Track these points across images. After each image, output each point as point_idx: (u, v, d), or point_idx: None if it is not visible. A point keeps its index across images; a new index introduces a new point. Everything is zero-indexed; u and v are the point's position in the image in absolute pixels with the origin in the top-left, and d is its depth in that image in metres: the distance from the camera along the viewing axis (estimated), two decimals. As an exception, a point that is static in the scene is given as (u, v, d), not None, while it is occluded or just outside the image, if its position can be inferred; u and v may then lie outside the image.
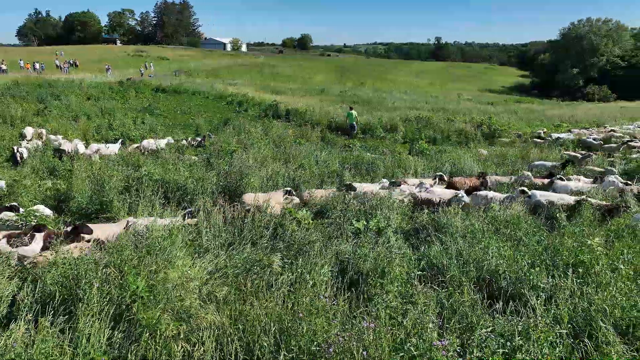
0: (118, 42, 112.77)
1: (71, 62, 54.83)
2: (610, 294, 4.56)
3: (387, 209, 7.91)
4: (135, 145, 14.29)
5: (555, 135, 20.57)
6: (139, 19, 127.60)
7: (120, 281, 4.26)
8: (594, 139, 18.46)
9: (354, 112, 22.01)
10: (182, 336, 3.61)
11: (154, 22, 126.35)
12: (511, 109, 36.73)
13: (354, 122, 21.67)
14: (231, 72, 63.31)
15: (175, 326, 3.64)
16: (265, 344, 3.50)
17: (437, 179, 11.17)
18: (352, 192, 8.93)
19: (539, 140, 19.97)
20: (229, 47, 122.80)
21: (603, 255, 5.54)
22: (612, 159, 14.67)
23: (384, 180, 10.84)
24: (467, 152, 16.43)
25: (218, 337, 3.66)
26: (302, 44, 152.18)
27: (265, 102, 28.84)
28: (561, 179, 10.33)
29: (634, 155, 14.94)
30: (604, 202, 8.41)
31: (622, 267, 5.23)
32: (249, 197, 8.37)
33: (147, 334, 3.57)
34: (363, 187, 9.58)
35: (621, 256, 5.61)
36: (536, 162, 13.85)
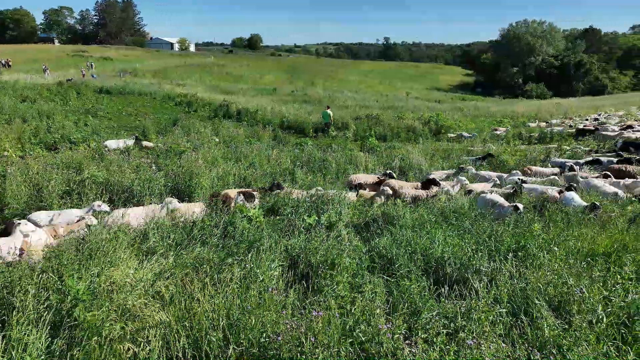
0: (56, 41, 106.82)
1: (3, 62, 51.29)
2: (545, 274, 4.86)
3: (338, 204, 8.03)
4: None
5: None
6: (78, 17, 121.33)
7: (60, 286, 4.07)
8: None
9: (329, 112, 22.24)
10: (128, 337, 3.50)
11: (95, 20, 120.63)
12: (457, 107, 38.20)
13: (329, 121, 21.90)
14: (179, 72, 61.67)
15: (120, 327, 3.53)
16: (213, 339, 3.47)
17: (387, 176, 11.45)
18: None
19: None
20: (176, 47, 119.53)
21: (541, 240, 5.90)
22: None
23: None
24: (416, 147, 16.94)
25: (165, 336, 3.58)
26: (252, 44, 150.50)
27: (215, 102, 28.36)
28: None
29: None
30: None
31: (555, 249, 5.60)
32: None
33: (91, 337, 3.44)
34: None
35: (555, 239, 6.01)
36: (463, 157, 14.95)
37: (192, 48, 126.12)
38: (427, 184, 9.65)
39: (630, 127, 19.26)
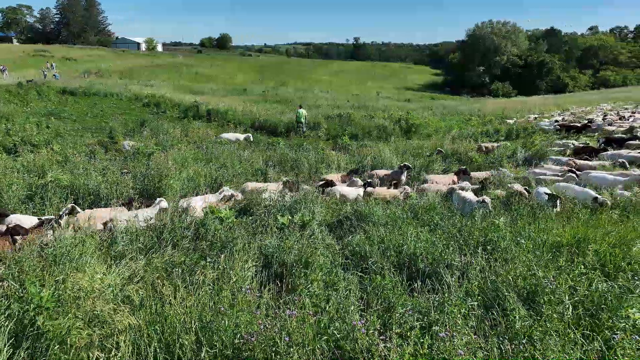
0: (15, 40, 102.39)
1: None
2: (514, 266, 4.99)
3: (311, 203, 8.01)
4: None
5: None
6: (38, 15, 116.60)
7: (22, 294, 3.88)
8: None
9: (301, 111, 22.17)
10: (96, 344, 3.38)
11: (57, 19, 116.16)
12: (427, 106, 38.82)
13: (302, 120, 21.82)
14: (147, 72, 60.30)
15: (87, 334, 3.40)
16: (186, 342, 3.38)
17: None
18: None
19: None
20: (143, 47, 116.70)
21: (508, 233, 6.05)
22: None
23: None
24: (387, 146, 17.09)
25: (135, 341, 3.47)
26: (221, 43, 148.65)
27: (184, 103, 27.83)
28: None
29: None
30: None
31: (523, 242, 5.75)
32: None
33: (56, 346, 3.29)
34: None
35: (523, 232, 6.17)
36: None
37: (159, 48, 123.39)
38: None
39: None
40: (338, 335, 3.53)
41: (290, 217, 7.07)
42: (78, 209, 7.12)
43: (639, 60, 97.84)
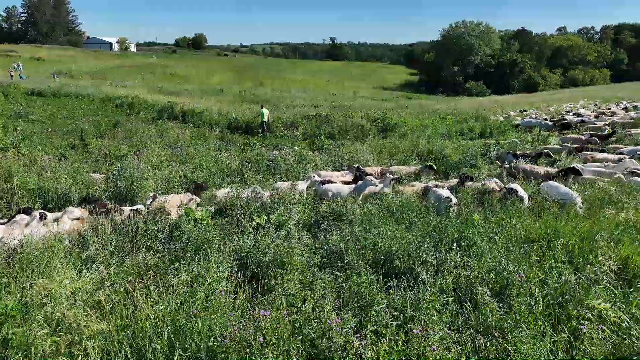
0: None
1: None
2: (487, 261, 5.08)
3: (288, 202, 7.98)
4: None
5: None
6: (3, 14, 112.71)
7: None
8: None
9: (264, 110, 22.03)
10: (62, 351, 3.27)
11: (24, 18, 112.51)
12: (403, 105, 39.19)
13: (265, 120, 21.71)
14: (120, 73, 59.12)
15: (54, 341, 3.29)
16: (158, 347, 3.32)
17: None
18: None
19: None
20: (116, 47, 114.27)
21: (482, 229, 6.15)
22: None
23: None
24: (364, 145, 17.19)
25: (105, 347, 3.38)
26: (196, 43, 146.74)
27: (159, 103, 27.37)
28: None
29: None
30: None
31: (496, 237, 5.86)
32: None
33: (18, 354, 3.18)
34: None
35: (495, 228, 6.29)
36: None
37: (132, 48, 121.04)
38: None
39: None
40: (313, 335, 3.53)
41: (266, 218, 7.03)
42: (158, 196, 7.99)
43: (605, 60, 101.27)
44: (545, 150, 12.66)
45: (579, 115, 23.15)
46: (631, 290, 4.31)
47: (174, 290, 4.21)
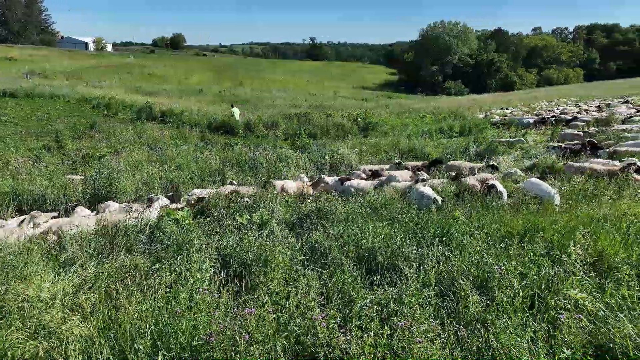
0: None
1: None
2: (468, 256, 5.15)
3: (270, 201, 7.95)
4: None
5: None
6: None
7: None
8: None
9: (234, 109, 21.98)
10: (41, 354, 3.19)
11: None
12: (383, 104, 39.50)
13: (236, 118, 21.71)
14: (97, 73, 57.91)
15: (32, 346, 3.20)
16: (141, 347, 3.26)
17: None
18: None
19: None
20: (91, 47, 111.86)
21: (463, 225, 6.24)
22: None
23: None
24: (345, 143, 17.27)
25: (86, 349, 3.31)
26: (174, 43, 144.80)
27: (137, 104, 26.92)
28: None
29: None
30: None
31: (476, 232, 5.96)
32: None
33: (-3, 360, 3.09)
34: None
35: (476, 223, 6.39)
36: None
37: (109, 48, 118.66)
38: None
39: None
40: (299, 331, 3.52)
41: (248, 217, 6.99)
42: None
43: (578, 59, 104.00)
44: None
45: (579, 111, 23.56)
46: (607, 281, 4.44)
47: (156, 291, 4.15)
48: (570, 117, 20.15)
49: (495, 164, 11.18)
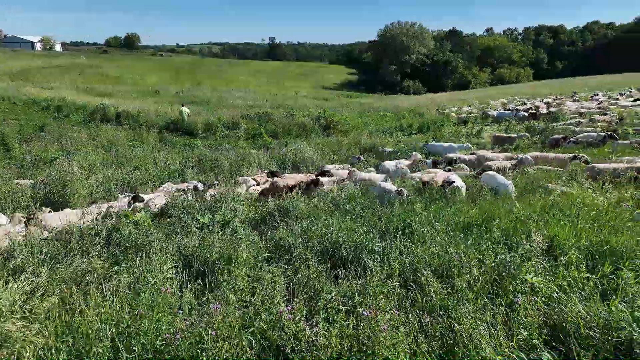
0: None
1: None
2: (429, 246, 5.29)
3: (232, 201, 7.85)
4: None
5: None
6: None
7: None
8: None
9: (184, 109, 21.90)
10: (-10, 365, 3.01)
11: None
12: (343, 103, 39.84)
13: (186, 118, 21.64)
14: (45, 74, 55.19)
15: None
16: (100, 350, 3.14)
17: None
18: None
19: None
20: (38, 47, 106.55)
21: (424, 217, 6.39)
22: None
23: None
24: (307, 142, 17.30)
25: (41, 356, 3.15)
26: (129, 43, 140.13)
27: (90, 105, 25.85)
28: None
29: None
30: None
31: (437, 224, 6.12)
32: None
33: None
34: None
35: (437, 215, 6.57)
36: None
37: (58, 47, 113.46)
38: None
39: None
40: (265, 326, 3.50)
41: (211, 217, 6.87)
42: None
43: (528, 59, 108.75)
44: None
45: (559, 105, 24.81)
46: (558, 264, 4.68)
47: (115, 293, 4.01)
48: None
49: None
